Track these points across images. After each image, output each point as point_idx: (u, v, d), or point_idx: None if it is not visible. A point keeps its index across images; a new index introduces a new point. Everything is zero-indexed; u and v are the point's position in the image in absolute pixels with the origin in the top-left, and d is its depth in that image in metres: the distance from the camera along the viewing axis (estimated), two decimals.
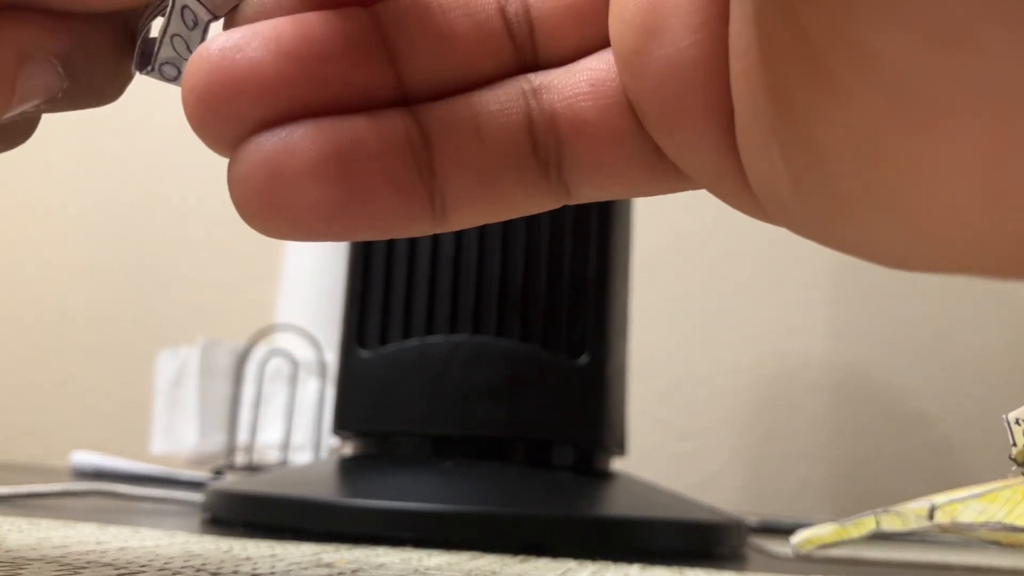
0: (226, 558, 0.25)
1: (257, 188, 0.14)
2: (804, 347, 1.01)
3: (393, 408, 0.39)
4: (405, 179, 0.15)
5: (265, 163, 0.14)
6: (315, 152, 0.14)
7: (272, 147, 0.14)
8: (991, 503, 0.37)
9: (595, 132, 0.15)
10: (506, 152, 0.15)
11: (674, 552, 0.37)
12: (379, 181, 0.15)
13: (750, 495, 0.99)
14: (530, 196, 0.16)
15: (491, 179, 0.15)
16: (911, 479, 0.98)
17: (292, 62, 0.14)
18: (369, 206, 0.15)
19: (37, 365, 1.12)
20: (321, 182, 0.14)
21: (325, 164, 0.14)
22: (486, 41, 0.15)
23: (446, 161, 0.15)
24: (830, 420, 1.00)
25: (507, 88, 0.15)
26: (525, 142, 0.15)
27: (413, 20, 0.15)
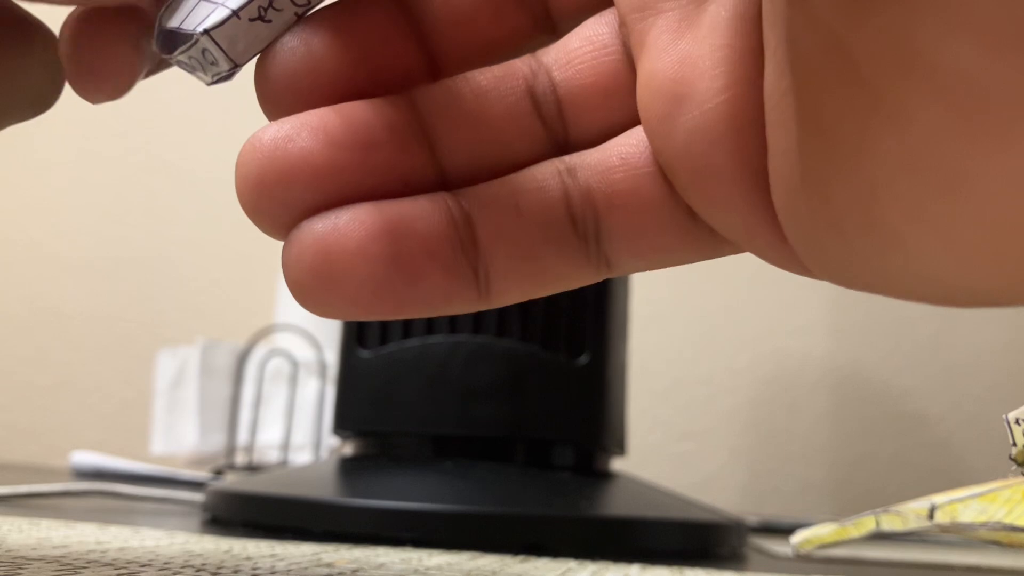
0: (226, 558, 0.25)
1: (310, 269, 0.15)
2: (804, 347, 1.01)
3: (393, 408, 0.39)
4: (450, 258, 0.15)
5: (317, 245, 0.15)
6: (364, 234, 0.15)
7: (324, 230, 0.15)
8: (991, 503, 0.37)
9: (629, 202, 0.16)
10: (546, 228, 0.16)
11: (674, 552, 0.37)
12: (426, 260, 0.15)
13: (750, 495, 0.99)
14: (572, 270, 0.16)
15: (533, 255, 0.16)
16: (911, 479, 0.98)
17: (341, 151, 0.15)
18: (417, 285, 0.15)
19: (37, 365, 1.12)
20: (371, 262, 0.15)
21: (374, 245, 0.15)
22: (518, 123, 0.16)
23: (489, 239, 0.16)
24: (830, 420, 1.00)
25: (543, 168, 0.16)
26: (564, 218, 0.16)
27: (449, 106, 0.16)
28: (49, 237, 1.15)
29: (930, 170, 0.11)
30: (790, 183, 0.13)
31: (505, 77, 0.16)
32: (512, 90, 0.16)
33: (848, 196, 0.12)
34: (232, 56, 0.17)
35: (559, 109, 0.16)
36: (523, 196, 0.16)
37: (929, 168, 0.11)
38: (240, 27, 0.17)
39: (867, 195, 0.12)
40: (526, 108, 0.16)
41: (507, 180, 0.16)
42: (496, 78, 0.16)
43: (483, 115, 0.16)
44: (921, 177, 0.11)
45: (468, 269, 0.16)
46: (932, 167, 0.11)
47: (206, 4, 0.17)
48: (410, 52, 0.16)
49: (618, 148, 0.16)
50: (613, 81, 0.16)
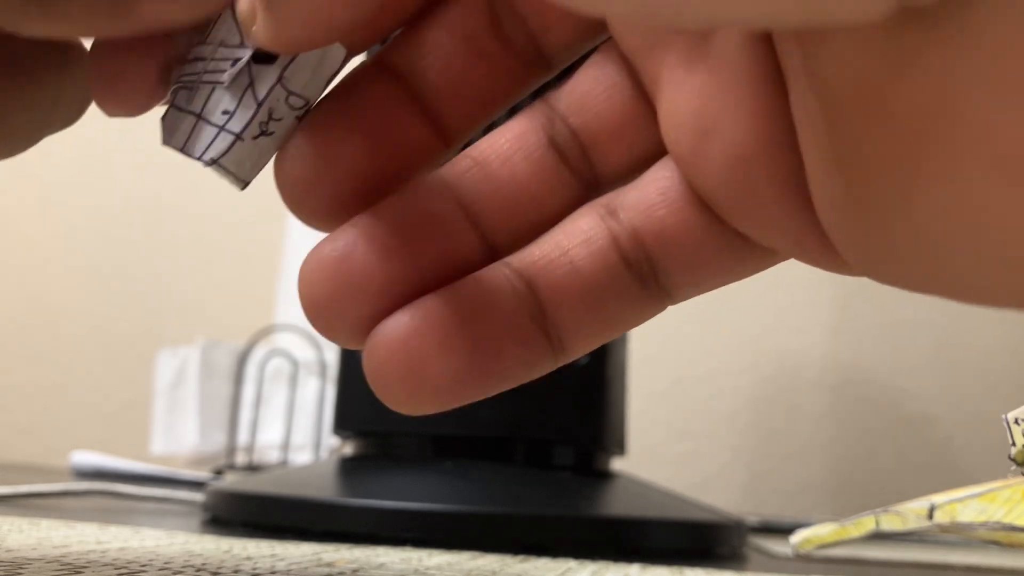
0: (226, 558, 0.25)
1: (398, 373, 0.16)
2: (804, 347, 1.01)
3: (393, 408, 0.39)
4: (523, 329, 0.16)
5: (401, 349, 0.15)
6: (443, 329, 0.15)
7: (404, 333, 0.15)
8: (990, 503, 0.37)
9: (679, 236, 0.16)
10: (603, 278, 0.16)
11: (674, 552, 0.37)
12: (502, 338, 0.16)
13: (750, 495, 0.99)
14: (636, 310, 0.16)
15: (597, 306, 0.16)
16: (911, 479, 0.98)
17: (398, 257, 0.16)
18: (498, 363, 0.16)
19: (37, 365, 1.12)
20: (454, 354, 0.15)
21: (454, 338, 0.15)
22: (548, 176, 0.16)
23: (552, 301, 0.16)
24: (830, 420, 1.00)
25: (586, 218, 0.16)
26: (617, 263, 0.16)
27: (481, 179, 0.16)
28: (49, 238, 1.15)
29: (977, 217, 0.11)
30: (832, 203, 0.13)
31: (524, 134, 0.17)
32: (535, 146, 0.17)
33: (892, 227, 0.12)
34: (241, 176, 0.17)
35: (583, 153, 0.17)
36: (575, 251, 0.16)
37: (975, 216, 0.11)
38: (245, 148, 0.17)
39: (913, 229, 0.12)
40: (552, 160, 0.17)
41: (553, 238, 0.16)
42: (516, 137, 0.17)
43: (514, 179, 0.16)
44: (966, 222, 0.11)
45: (541, 335, 0.16)
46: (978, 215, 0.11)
47: (207, 127, 0.17)
48: (416, 125, 0.17)
49: (655, 184, 0.16)
50: (630, 116, 0.16)
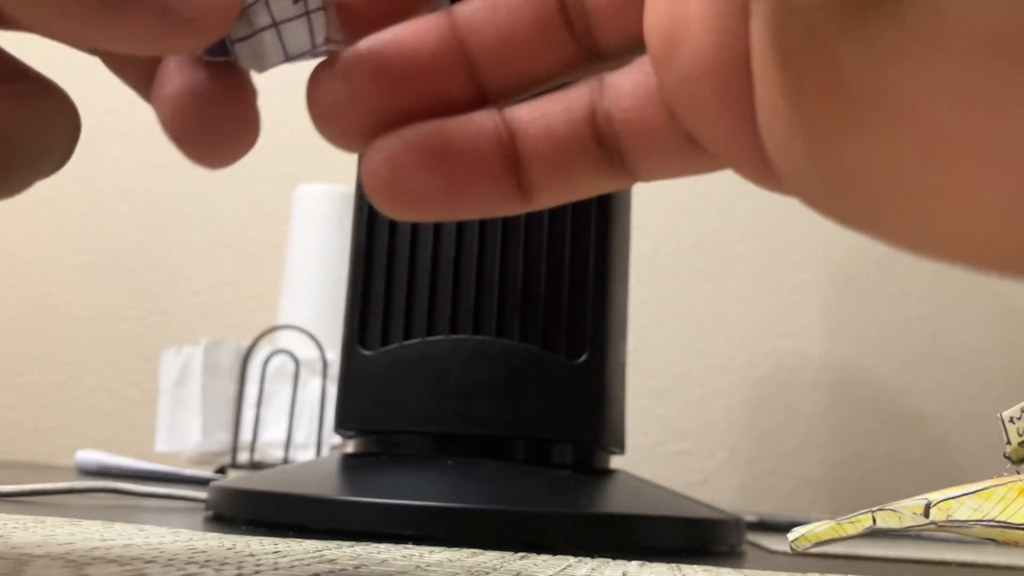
0: (230, 555, 0.25)
1: (384, 180, 0.18)
2: (800, 347, 1.02)
3: (394, 407, 0.40)
4: (496, 169, 0.18)
5: (388, 160, 0.18)
6: (427, 152, 0.17)
7: (392, 147, 0.18)
8: (986, 500, 0.37)
9: (638, 127, 0.18)
10: (573, 145, 0.18)
11: (672, 549, 0.37)
12: (476, 172, 0.18)
13: (747, 492, 0.99)
14: (600, 179, 0.18)
15: (565, 169, 0.18)
16: (907, 477, 0.98)
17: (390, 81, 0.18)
18: (469, 192, 0.18)
19: (42, 365, 1.13)
20: (432, 176, 0.17)
21: (435, 161, 0.18)
22: (550, 35, 0.18)
23: (527, 155, 0.18)
24: (826, 419, 1.00)
25: (577, 90, 0.18)
26: (589, 137, 0.18)
27: (486, 25, 0.18)
28: (54, 238, 1.15)
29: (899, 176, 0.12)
30: (775, 129, 0.14)
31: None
32: (545, 3, 0.18)
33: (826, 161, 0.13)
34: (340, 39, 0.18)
35: (587, 22, 0.18)
36: (553, 115, 0.18)
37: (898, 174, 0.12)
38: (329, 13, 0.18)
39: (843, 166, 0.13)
40: (558, 21, 0.18)
41: (542, 103, 0.18)
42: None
43: (518, 30, 0.18)
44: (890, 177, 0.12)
45: (512, 179, 0.18)
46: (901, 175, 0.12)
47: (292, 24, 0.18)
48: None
49: (633, 76, 0.18)
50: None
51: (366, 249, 0.42)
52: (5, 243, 1.16)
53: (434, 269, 0.40)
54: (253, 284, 1.11)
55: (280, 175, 1.11)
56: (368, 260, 0.42)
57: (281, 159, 1.11)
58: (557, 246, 0.41)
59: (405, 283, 0.41)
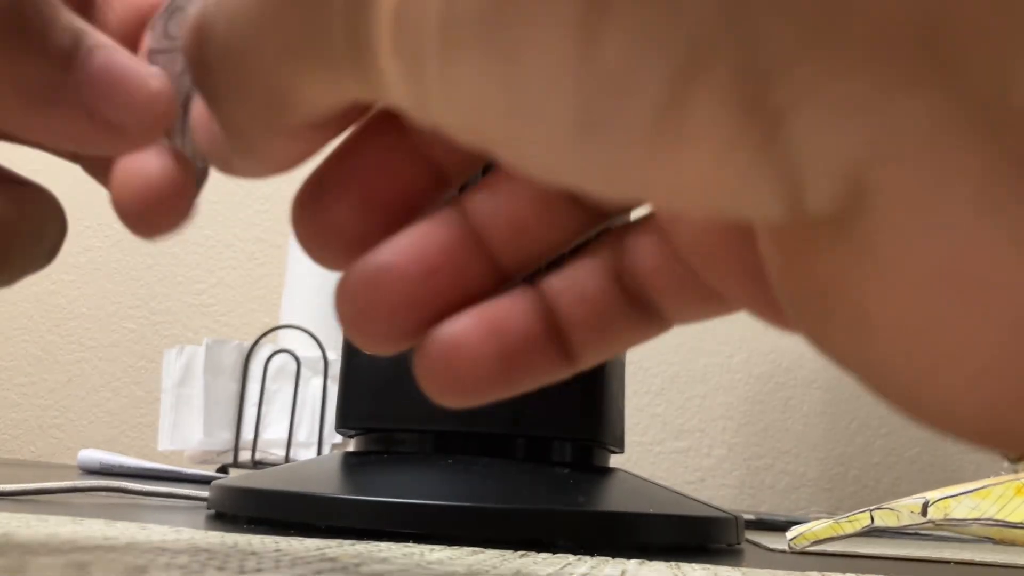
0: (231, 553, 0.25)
1: (441, 374, 0.18)
2: (799, 346, 1.01)
3: (395, 405, 0.40)
4: (543, 343, 0.18)
5: (445, 354, 0.18)
6: (477, 340, 0.18)
7: (447, 342, 0.18)
8: (983, 499, 0.37)
9: (664, 284, 0.18)
10: (607, 307, 0.19)
11: (671, 547, 0.37)
12: (525, 350, 0.18)
13: (746, 491, 0.99)
14: (638, 332, 0.19)
15: (602, 328, 0.19)
16: (904, 475, 0.98)
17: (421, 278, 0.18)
18: (521, 370, 0.18)
19: (45, 364, 1.13)
20: (485, 361, 0.18)
21: (485, 347, 0.18)
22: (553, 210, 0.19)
23: (566, 321, 0.19)
24: (825, 417, 1.01)
25: (598, 256, 0.19)
26: (620, 296, 0.19)
27: (492, 211, 0.18)
28: None
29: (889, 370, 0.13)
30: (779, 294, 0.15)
31: None
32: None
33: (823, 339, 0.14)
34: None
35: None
36: (584, 283, 0.19)
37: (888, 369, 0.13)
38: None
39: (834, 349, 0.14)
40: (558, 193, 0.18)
41: (570, 271, 0.19)
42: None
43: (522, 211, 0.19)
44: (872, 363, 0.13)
45: (558, 348, 0.19)
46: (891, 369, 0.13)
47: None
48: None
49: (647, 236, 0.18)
50: None
51: None
52: None
53: None
54: (255, 284, 1.11)
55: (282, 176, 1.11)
56: None
57: None
58: None
59: None
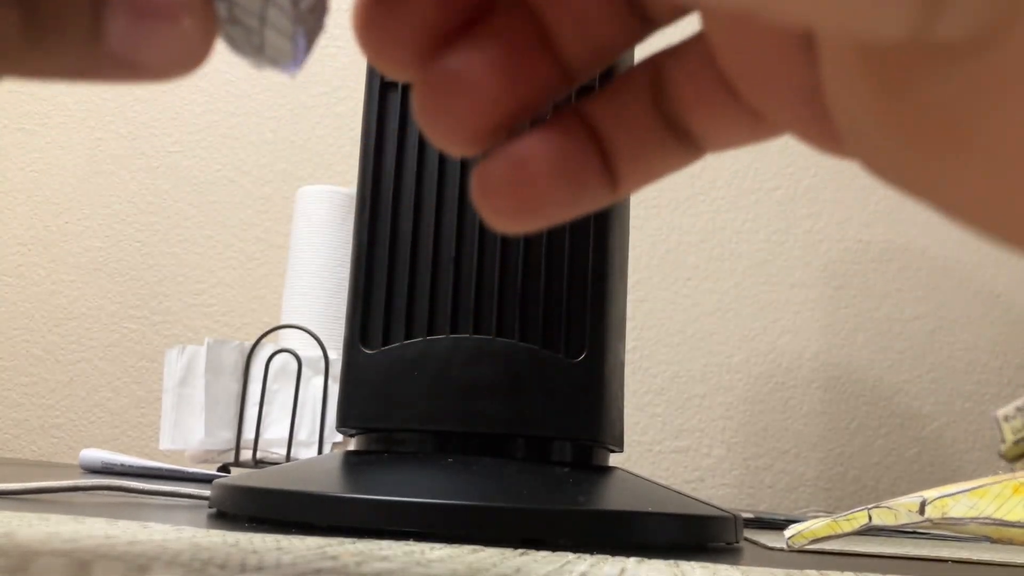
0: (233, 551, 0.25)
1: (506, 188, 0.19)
2: (797, 345, 1.02)
3: (396, 405, 0.40)
4: (594, 161, 0.19)
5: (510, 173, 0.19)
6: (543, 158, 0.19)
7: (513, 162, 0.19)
8: (981, 498, 0.37)
9: (701, 107, 0.19)
10: (646, 130, 0.19)
11: (670, 545, 0.37)
12: (582, 166, 0.19)
13: (745, 490, 1.00)
14: (675, 157, 0.20)
15: (642, 153, 0.20)
16: (902, 475, 0.98)
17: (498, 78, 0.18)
18: (578, 191, 0.19)
19: (47, 364, 1.13)
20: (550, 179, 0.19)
21: (552, 166, 0.19)
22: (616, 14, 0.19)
23: (608, 145, 0.19)
24: (823, 417, 1.01)
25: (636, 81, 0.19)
26: (658, 119, 0.19)
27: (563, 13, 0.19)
28: (59, 238, 1.15)
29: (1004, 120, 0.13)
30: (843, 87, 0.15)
31: None
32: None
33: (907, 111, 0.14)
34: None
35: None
36: (623, 108, 0.19)
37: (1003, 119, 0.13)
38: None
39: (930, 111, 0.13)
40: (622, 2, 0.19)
41: (608, 95, 0.20)
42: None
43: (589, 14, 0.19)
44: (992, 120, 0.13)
45: (604, 171, 0.19)
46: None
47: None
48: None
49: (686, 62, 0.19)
50: None
51: (368, 249, 0.42)
52: (10, 243, 1.16)
53: (435, 269, 0.41)
54: (256, 284, 1.11)
55: (283, 176, 1.11)
56: (370, 260, 0.42)
57: (284, 161, 1.12)
58: (556, 246, 0.41)
59: (406, 283, 0.41)
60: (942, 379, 0.99)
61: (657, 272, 1.05)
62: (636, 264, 1.05)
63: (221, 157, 1.12)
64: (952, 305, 1.01)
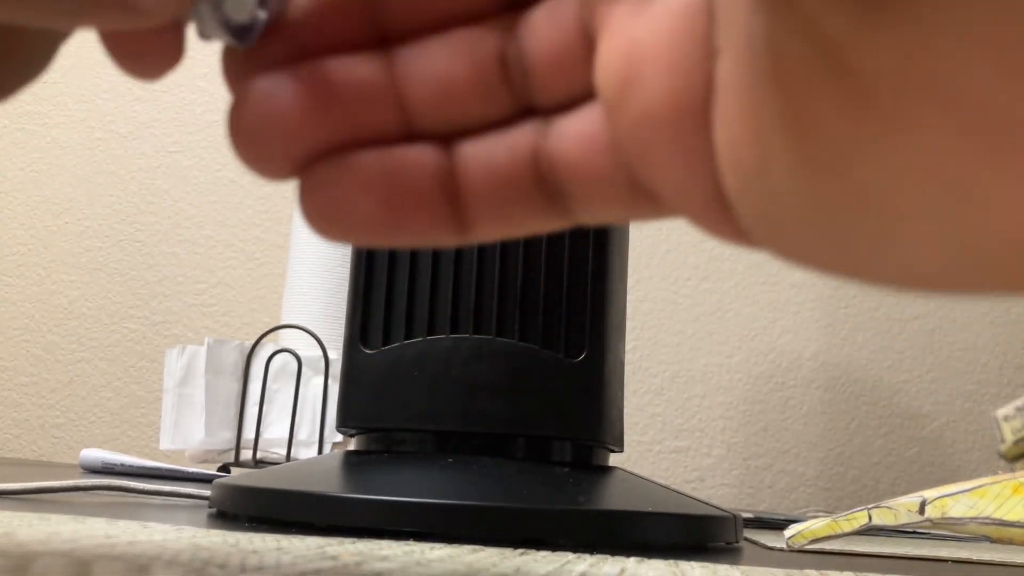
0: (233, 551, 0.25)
1: (321, 203, 0.18)
2: (797, 345, 1.02)
3: (396, 405, 0.40)
4: (435, 201, 0.18)
5: (326, 184, 0.17)
6: (365, 177, 0.17)
7: (331, 172, 0.17)
8: (981, 498, 0.37)
9: (581, 174, 0.17)
10: (513, 185, 0.18)
11: (670, 545, 0.37)
12: (414, 201, 0.18)
13: (744, 490, 1.00)
14: (538, 219, 0.18)
15: (503, 205, 0.18)
16: (902, 475, 0.98)
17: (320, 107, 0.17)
18: (406, 221, 0.18)
19: (47, 364, 1.13)
20: (369, 200, 0.17)
21: (373, 187, 0.17)
22: (485, 87, 0.18)
23: (466, 189, 0.18)
24: (823, 417, 1.01)
25: (522, 130, 0.18)
26: (530, 177, 0.18)
27: (422, 66, 0.18)
28: (59, 238, 1.16)
29: (932, 178, 0.11)
30: (746, 168, 0.14)
31: (479, 40, 0.18)
32: (484, 54, 0.18)
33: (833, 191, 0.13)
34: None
35: (525, 75, 0.18)
36: (496, 156, 0.18)
37: (931, 176, 0.11)
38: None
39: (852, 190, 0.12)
40: (495, 73, 0.18)
41: (486, 140, 0.18)
42: (471, 40, 0.18)
43: (454, 77, 0.18)
44: (920, 183, 0.12)
45: (450, 212, 0.18)
46: (934, 176, 0.11)
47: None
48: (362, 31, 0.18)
49: (580, 121, 0.17)
50: (573, 54, 0.17)
51: (368, 249, 0.42)
52: (10, 243, 1.16)
53: (435, 269, 0.41)
54: (256, 284, 1.11)
55: None
56: (370, 260, 0.42)
57: None
58: (556, 246, 0.41)
59: (406, 283, 0.41)
60: (942, 379, 0.99)
61: (657, 272, 1.05)
62: (636, 264, 1.05)
63: (221, 157, 1.12)
64: (952, 305, 1.01)
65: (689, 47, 0.15)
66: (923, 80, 0.11)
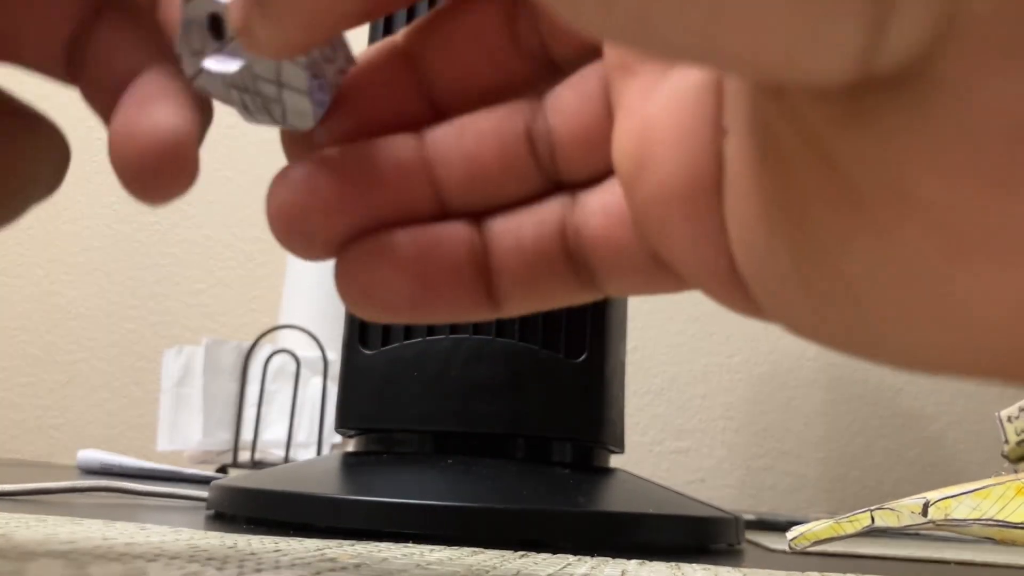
0: (231, 553, 0.25)
1: (358, 284, 0.18)
2: (799, 346, 1.02)
3: (395, 405, 0.40)
4: (467, 278, 0.18)
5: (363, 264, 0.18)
6: (400, 257, 0.18)
7: (368, 252, 0.18)
8: (984, 499, 0.37)
9: (607, 247, 0.18)
10: (542, 259, 0.18)
11: (671, 547, 0.37)
12: (448, 279, 0.18)
13: (746, 491, 1.00)
14: (567, 292, 0.19)
15: (533, 280, 0.18)
16: (905, 476, 0.98)
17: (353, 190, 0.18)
18: (440, 299, 0.18)
19: (45, 364, 1.13)
20: (404, 279, 0.18)
21: (408, 267, 0.18)
22: (513, 164, 0.18)
23: (497, 265, 0.18)
24: (825, 418, 1.01)
25: (551, 205, 0.18)
26: (558, 251, 0.18)
27: (453, 148, 0.18)
28: (57, 238, 1.15)
29: (911, 278, 0.11)
30: (755, 248, 0.14)
31: (506, 119, 0.18)
32: (511, 133, 0.18)
33: (820, 275, 0.13)
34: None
35: (552, 152, 0.18)
36: (525, 231, 0.18)
37: (910, 276, 0.11)
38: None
39: (842, 280, 0.12)
40: (523, 150, 0.18)
41: (515, 215, 0.18)
42: (498, 120, 0.18)
43: (482, 157, 0.18)
44: (899, 281, 0.12)
45: (482, 288, 0.18)
46: (913, 277, 0.11)
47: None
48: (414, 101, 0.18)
49: (603, 196, 0.18)
50: (598, 130, 0.18)
51: None
52: (9, 243, 1.16)
53: None
54: (254, 284, 1.11)
55: None
56: None
57: (283, 160, 1.11)
58: None
59: None
60: (944, 380, 0.98)
61: None
62: None
63: (221, 157, 1.12)
64: None
65: (699, 127, 0.15)
66: (902, 191, 0.11)
